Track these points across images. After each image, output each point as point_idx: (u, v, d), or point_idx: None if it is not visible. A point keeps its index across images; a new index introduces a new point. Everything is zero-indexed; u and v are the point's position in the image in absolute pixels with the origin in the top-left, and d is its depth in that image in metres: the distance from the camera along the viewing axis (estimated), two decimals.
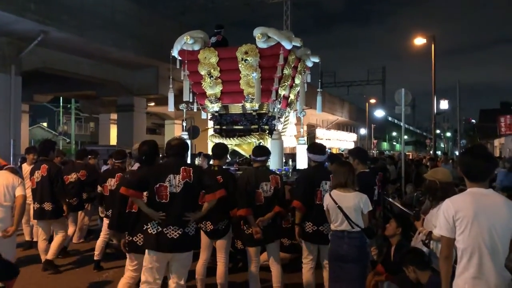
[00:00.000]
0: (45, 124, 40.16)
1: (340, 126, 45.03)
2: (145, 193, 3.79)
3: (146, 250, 3.78)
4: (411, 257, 3.60)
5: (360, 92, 57.97)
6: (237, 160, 7.38)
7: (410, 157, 20.53)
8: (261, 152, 4.72)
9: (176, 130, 28.22)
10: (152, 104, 23.01)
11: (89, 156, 7.99)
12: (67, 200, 6.29)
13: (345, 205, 3.81)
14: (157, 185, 3.70)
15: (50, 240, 6.21)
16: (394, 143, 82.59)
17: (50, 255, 5.95)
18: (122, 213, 4.03)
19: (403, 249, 4.10)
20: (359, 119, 47.87)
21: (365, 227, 3.84)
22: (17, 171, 5.31)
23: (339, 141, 39.69)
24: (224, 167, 5.05)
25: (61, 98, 32.05)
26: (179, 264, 3.80)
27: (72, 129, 33.66)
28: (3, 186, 4.71)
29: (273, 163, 6.64)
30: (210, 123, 7.90)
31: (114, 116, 23.10)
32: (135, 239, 3.96)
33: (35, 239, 7.02)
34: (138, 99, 19.97)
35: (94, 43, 14.41)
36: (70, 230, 6.95)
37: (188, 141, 7.33)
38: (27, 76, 14.30)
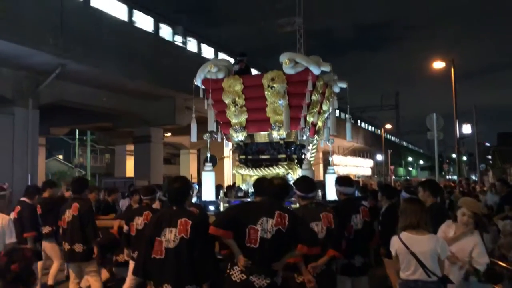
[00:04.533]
0: (61, 156, 40.26)
1: (356, 152, 44.54)
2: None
3: None
4: None
5: (374, 117, 57.84)
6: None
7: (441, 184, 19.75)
8: (310, 186, 4.18)
9: (191, 160, 28.00)
10: (169, 134, 22.85)
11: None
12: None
13: (419, 250, 3.32)
14: (248, 227, 3.32)
15: None
16: (410, 168, 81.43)
17: None
18: (148, 258, 3.51)
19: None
20: (375, 145, 47.35)
21: (442, 275, 3.34)
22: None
23: (356, 167, 39.25)
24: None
25: (76, 130, 32.16)
26: None
27: (87, 161, 33.63)
28: None
29: None
30: (226, 152, 7.60)
31: (130, 147, 22.95)
32: None
33: None
34: (155, 130, 19.79)
35: (110, 75, 14.34)
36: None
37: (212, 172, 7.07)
38: (44, 109, 14.20)
